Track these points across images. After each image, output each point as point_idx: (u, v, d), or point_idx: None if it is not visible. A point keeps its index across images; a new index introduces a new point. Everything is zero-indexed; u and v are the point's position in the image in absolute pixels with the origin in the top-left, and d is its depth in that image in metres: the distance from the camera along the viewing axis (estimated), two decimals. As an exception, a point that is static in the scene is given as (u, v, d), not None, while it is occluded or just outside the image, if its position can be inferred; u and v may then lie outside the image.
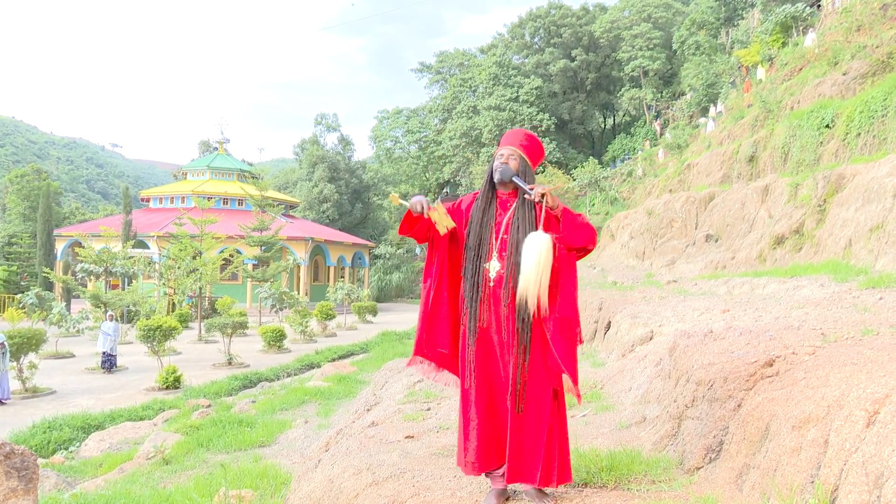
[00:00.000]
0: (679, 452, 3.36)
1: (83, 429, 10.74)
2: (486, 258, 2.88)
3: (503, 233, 2.90)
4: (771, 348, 3.41)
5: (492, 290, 2.86)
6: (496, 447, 2.82)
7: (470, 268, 2.90)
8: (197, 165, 44.99)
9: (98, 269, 24.42)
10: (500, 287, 2.85)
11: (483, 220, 2.93)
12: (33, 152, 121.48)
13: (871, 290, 6.71)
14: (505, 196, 2.99)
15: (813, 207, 11.35)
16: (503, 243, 2.88)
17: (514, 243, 2.85)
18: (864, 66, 15.88)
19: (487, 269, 2.88)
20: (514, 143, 3.03)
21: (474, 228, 2.92)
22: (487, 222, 2.92)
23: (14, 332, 13.71)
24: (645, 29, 51.83)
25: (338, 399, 10.98)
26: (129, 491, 6.19)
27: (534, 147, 3.08)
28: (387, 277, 47.22)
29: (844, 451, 2.24)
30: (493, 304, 2.85)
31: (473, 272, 2.88)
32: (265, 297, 27.26)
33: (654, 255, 18.09)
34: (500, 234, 2.90)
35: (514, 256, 2.83)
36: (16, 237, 42.12)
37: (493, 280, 2.86)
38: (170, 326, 16.23)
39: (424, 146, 59.99)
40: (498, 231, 2.91)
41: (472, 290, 2.87)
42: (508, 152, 2.99)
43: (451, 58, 62.43)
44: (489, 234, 2.90)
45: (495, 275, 2.86)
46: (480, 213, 2.95)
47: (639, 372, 5.62)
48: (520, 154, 3.00)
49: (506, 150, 2.99)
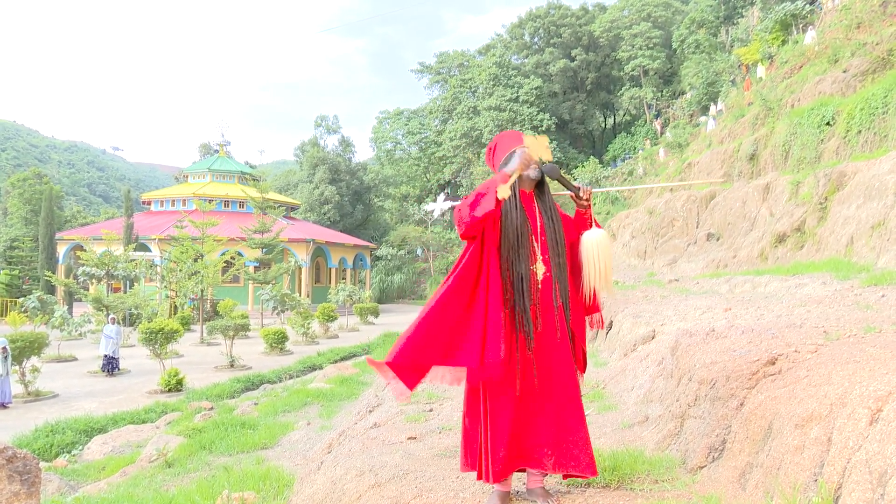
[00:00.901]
0: (682, 452, 3.35)
1: (86, 432, 10.73)
2: (532, 260, 2.86)
3: (541, 234, 2.89)
4: (773, 347, 3.40)
5: (540, 292, 2.85)
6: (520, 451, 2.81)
7: (520, 271, 2.82)
8: (198, 168, 45.03)
9: (100, 272, 24.45)
10: (548, 290, 2.85)
11: (520, 221, 2.86)
12: (34, 156, 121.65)
13: (873, 287, 6.70)
14: (526, 194, 2.94)
15: (814, 205, 11.34)
16: (544, 245, 2.88)
17: (553, 245, 2.88)
18: (865, 63, 15.86)
19: (535, 272, 2.86)
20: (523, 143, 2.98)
21: (512, 229, 2.83)
22: (525, 222, 2.87)
23: (16, 335, 13.72)
24: (644, 28, 51.85)
25: (340, 401, 10.98)
26: (132, 494, 6.19)
27: None
28: (388, 279, 47.24)
29: (848, 449, 2.24)
30: (543, 307, 2.84)
31: (525, 275, 2.81)
32: (267, 300, 27.26)
33: (656, 254, 18.08)
34: (539, 235, 2.89)
35: (558, 259, 2.88)
36: (18, 241, 42.14)
37: (540, 283, 2.85)
38: (172, 329, 16.24)
39: (425, 147, 60.04)
40: (535, 232, 2.89)
41: (526, 293, 2.80)
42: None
43: (450, 58, 62.48)
44: (528, 236, 2.86)
45: (542, 277, 2.86)
46: (517, 213, 2.86)
47: (641, 371, 5.61)
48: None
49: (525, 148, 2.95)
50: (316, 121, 55.54)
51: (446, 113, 58.07)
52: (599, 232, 2.93)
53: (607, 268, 2.90)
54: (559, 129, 55.31)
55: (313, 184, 48.62)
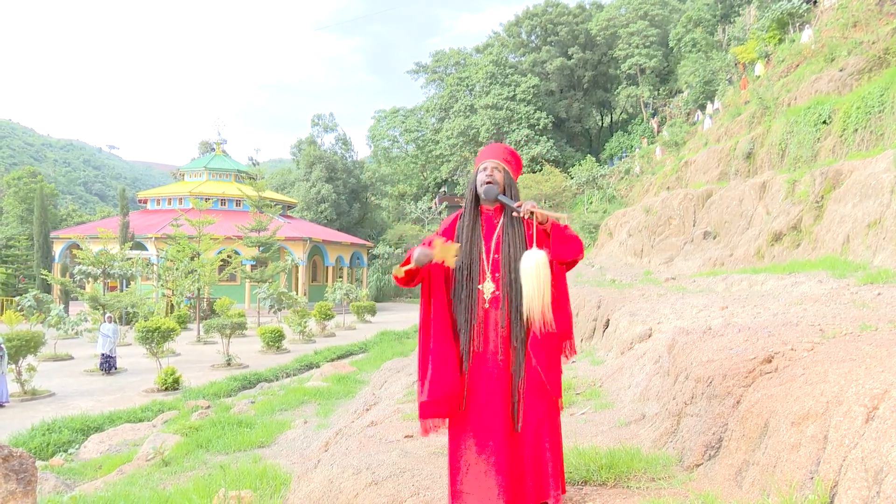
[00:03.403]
0: (678, 450, 3.36)
1: (82, 431, 10.72)
2: (480, 279, 2.80)
3: (493, 252, 2.82)
4: (769, 345, 3.41)
5: (486, 312, 2.78)
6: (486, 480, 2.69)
7: (463, 290, 2.79)
8: (194, 166, 44.93)
9: (96, 270, 24.36)
10: (495, 308, 2.78)
11: (472, 240, 2.83)
12: (30, 154, 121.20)
13: (869, 285, 6.72)
14: (490, 212, 2.90)
15: (810, 204, 11.36)
16: (496, 263, 2.80)
17: (506, 263, 2.78)
18: (861, 62, 15.89)
19: (482, 291, 2.79)
20: (497, 157, 2.94)
21: (463, 248, 2.81)
22: (476, 242, 2.83)
23: (12, 334, 13.69)
24: (641, 26, 51.89)
25: (337, 399, 10.98)
26: (129, 493, 6.18)
27: (515, 161, 3.01)
28: (385, 277, 47.20)
29: (844, 447, 2.24)
30: (487, 327, 2.77)
31: (468, 295, 2.78)
32: (263, 298, 27.24)
33: (653, 252, 18.10)
34: (491, 253, 2.82)
35: (508, 277, 2.77)
36: (13, 240, 42.03)
37: (487, 302, 2.79)
38: (168, 328, 16.21)
39: (422, 145, 60.03)
40: (489, 251, 2.82)
41: (466, 312, 2.77)
42: (493, 165, 2.89)
43: (447, 57, 62.46)
44: (478, 255, 2.82)
45: (490, 296, 2.79)
46: (469, 232, 2.85)
47: (638, 369, 5.62)
48: (503, 167, 2.91)
49: (489, 163, 2.90)
50: (313, 119, 55.49)
51: (443, 111, 58.05)
52: (536, 253, 2.71)
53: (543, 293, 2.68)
54: (556, 127, 55.35)
55: (310, 182, 48.55)
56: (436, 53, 63.73)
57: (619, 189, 37.00)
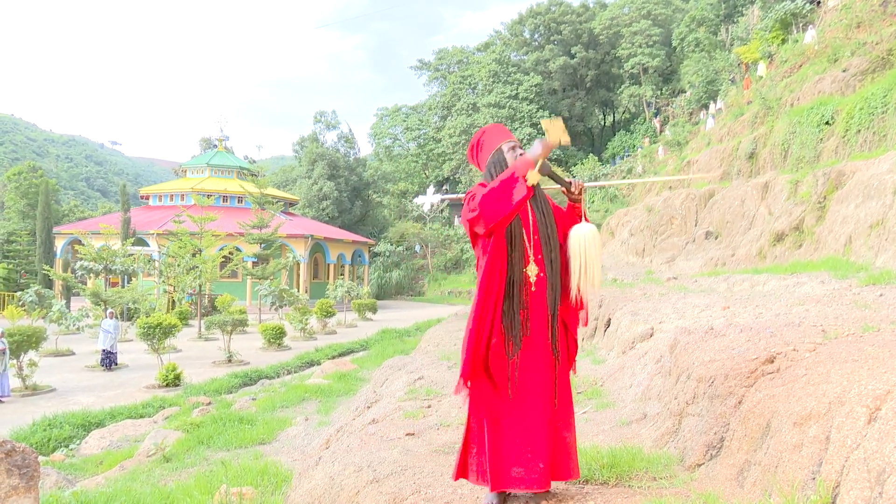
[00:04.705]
0: (680, 449, 3.36)
1: (83, 426, 10.74)
2: (525, 262, 2.75)
3: (533, 234, 2.78)
4: (771, 345, 3.41)
5: (532, 295, 2.74)
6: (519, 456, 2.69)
7: (512, 276, 2.71)
8: (196, 163, 44.92)
9: (98, 266, 24.37)
10: (541, 293, 2.75)
11: (514, 220, 2.73)
12: (32, 150, 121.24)
13: (871, 286, 6.71)
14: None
15: (813, 204, 11.35)
16: (537, 245, 2.77)
17: (547, 244, 2.78)
18: (864, 62, 15.87)
19: (528, 275, 2.75)
20: (511, 137, 2.92)
21: (506, 231, 2.71)
22: (517, 223, 2.75)
23: (14, 329, 13.70)
24: (645, 26, 51.84)
25: (338, 396, 10.98)
26: (130, 488, 6.19)
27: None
28: (386, 275, 47.20)
29: (846, 448, 2.24)
30: (532, 311, 2.74)
31: (518, 280, 2.71)
32: (265, 295, 27.24)
33: (654, 252, 18.09)
34: (532, 235, 2.78)
35: (550, 257, 2.77)
36: (15, 235, 42.02)
37: (533, 285, 2.75)
38: (170, 324, 16.23)
39: (424, 143, 60.02)
40: (528, 233, 2.77)
41: (516, 297, 2.71)
42: (516, 143, 2.87)
43: (450, 55, 62.44)
44: (521, 238, 2.76)
45: (535, 279, 2.76)
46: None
47: (639, 369, 5.62)
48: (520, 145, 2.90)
49: (512, 143, 2.86)
50: (315, 116, 55.40)
51: (445, 109, 58.02)
52: (588, 227, 2.78)
53: (594, 265, 2.74)
54: (558, 126, 55.19)
55: (312, 179, 48.54)
56: (439, 51, 63.77)
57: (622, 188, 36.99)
